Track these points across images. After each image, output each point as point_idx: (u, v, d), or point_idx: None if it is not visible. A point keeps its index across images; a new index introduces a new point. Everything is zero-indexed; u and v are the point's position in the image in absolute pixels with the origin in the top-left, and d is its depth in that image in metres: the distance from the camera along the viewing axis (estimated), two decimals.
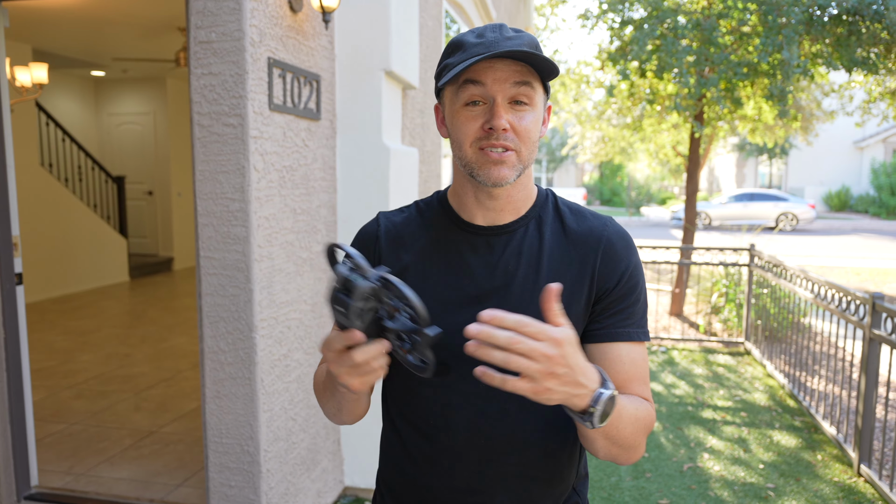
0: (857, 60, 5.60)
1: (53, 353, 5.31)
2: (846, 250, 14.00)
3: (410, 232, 1.09)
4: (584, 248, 1.04)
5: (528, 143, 0.99)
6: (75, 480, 3.13)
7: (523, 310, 0.96)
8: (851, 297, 3.62)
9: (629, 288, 1.04)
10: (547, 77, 1.00)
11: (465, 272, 1.04)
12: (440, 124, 1.08)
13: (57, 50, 7.26)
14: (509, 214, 1.06)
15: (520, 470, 1.04)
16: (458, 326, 0.98)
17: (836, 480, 3.36)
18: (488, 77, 0.96)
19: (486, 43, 0.96)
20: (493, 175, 0.98)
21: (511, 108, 0.98)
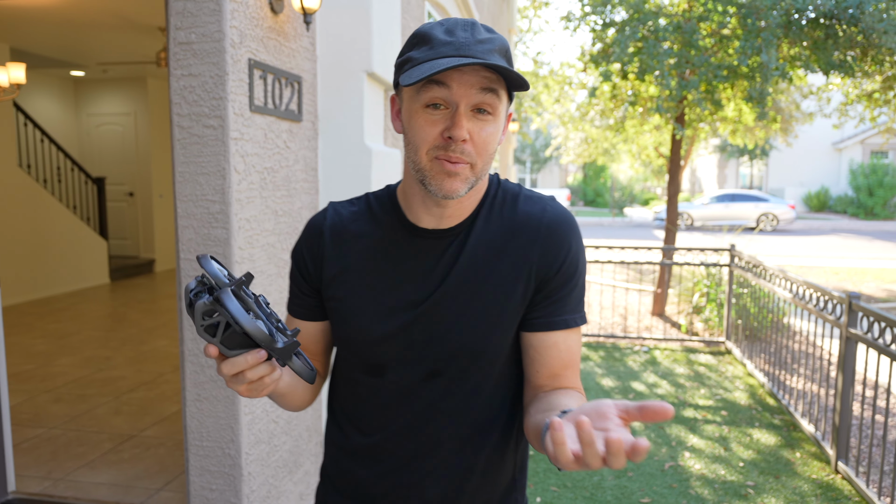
0: (835, 63, 5.69)
1: (32, 356, 5.23)
2: (825, 250, 14.20)
3: (357, 228, 1.06)
4: (523, 237, 1.02)
5: (484, 156, 0.95)
6: (54, 485, 3.09)
7: (454, 316, 1.00)
8: (829, 297, 3.67)
9: (569, 274, 1.03)
10: (514, 88, 0.96)
11: (405, 276, 1.02)
12: (395, 117, 1.03)
13: (35, 49, 7.16)
14: (455, 219, 1.03)
15: (454, 464, 1.06)
16: (393, 331, 1.01)
17: (815, 478, 3.41)
18: (454, 81, 0.91)
19: (455, 44, 0.91)
20: (445, 188, 0.94)
21: (473, 115, 0.93)
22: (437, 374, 1.02)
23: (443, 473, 1.06)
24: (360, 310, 1.03)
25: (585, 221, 22.93)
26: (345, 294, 1.04)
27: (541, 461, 3.56)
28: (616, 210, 26.63)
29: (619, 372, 5.24)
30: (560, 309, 1.03)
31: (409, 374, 1.02)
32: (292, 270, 1.11)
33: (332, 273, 1.05)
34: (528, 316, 1.03)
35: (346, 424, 1.11)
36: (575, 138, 11.11)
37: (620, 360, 5.62)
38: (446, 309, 1.00)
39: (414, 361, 1.02)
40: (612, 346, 6.10)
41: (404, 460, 1.06)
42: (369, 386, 1.05)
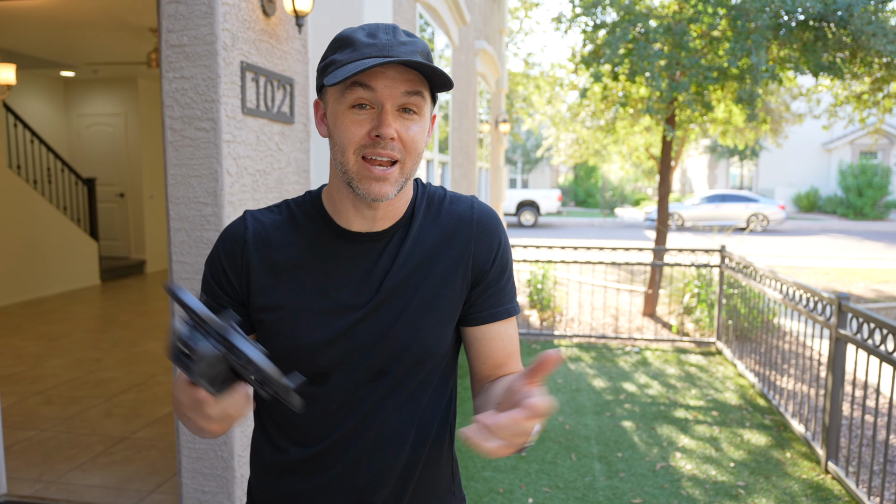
0: (824, 65, 5.75)
1: (22, 358, 5.20)
2: (815, 250, 14.31)
3: (282, 236, 1.03)
4: (456, 238, 1.05)
5: (412, 154, 0.96)
6: (45, 488, 3.08)
7: (398, 315, 1.01)
8: (818, 298, 3.71)
9: (502, 267, 1.07)
10: (438, 89, 0.98)
11: (341, 281, 1.01)
12: (319, 122, 1.02)
13: (25, 50, 7.12)
14: (387, 221, 1.03)
15: (399, 462, 1.06)
16: (336, 335, 1.00)
17: (805, 478, 3.44)
18: (379, 82, 0.92)
19: (378, 45, 0.92)
20: (374, 191, 0.95)
21: (399, 115, 0.94)
22: (384, 373, 1.02)
23: (388, 473, 1.05)
24: (297, 319, 1.00)
25: (576, 222, 23.00)
26: (278, 303, 1.01)
27: (533, 462, 3.58)
28: (607, 211, 26.72)
29: (610, 372, 5.26)
30: (500, 300, 1.07)
31: (354, 376, 1.02)
32: (207, 282, 1.05)
33: (260, 284, 1.01)
34: (470, 311, 1.07)
35: (282, 440, 1.06)
36: (566, 139, 11.15)
37: (612, 360, 5.64)
38: (389, 309, 1.01)
39: (359, 363, 1.01)
40: (604, 346, 6.13)
41: (350, 465, 1.04)
42: (311, 396, 1.01)
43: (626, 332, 6.51)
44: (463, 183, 6.86)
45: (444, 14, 5.05)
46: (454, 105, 6.03)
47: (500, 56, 10.02)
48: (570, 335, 6.39)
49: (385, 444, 1.04)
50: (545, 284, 7.05)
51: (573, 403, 4.52)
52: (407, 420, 1.05)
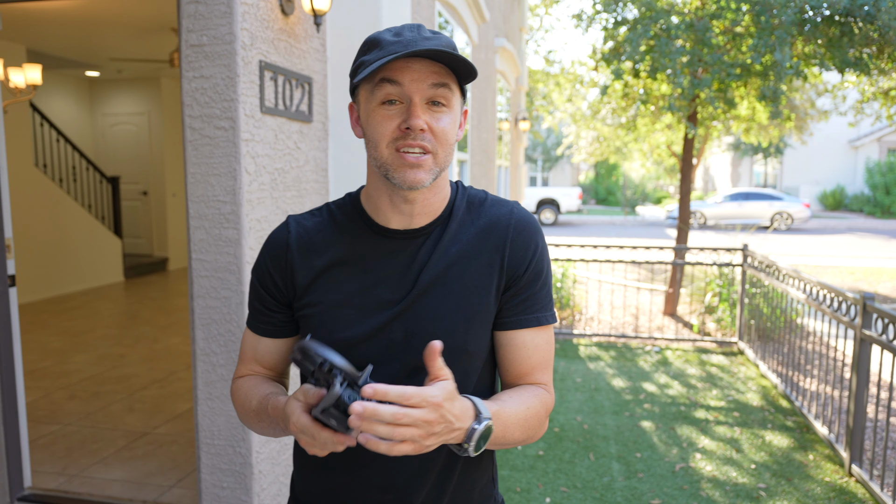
0: (850, 61, 5.63)
1: (48, 353, 5.30)
2: (841, 249, 14.05)
3: (323, 238, 1.07)
4: (492, 238, 1.05)
5: (444, 145, 0.99)
6: (69, 481, 3.13)
7: (433, 312, 1.02)
8: (843, 298, 3.64)
9: (536, 273, 1.07)
10: (464, 80, 1.00)
11: (379, 277, 1.04)
12: (354, 124, 1.06)
13: (51, 51, 7.25)
14: (425, 218, 1.05)
15: (437, 465, 1.06)
16: (373, 330, 1.02)
17: (828, 480, 3.38)
18: (405, 76, 0.95)
19: (403, 41, 0.95)
20: (409, 178, 0.97)
21: (428, 108, 0.97)
22: (419, 370, 1.02)
23: (426, 473, 1.06)
24: (336, 315, 1.04)
25: (597, 220, 22.84)
26: (319, 300, 1.05)
27: (550, 461, 3.56)
28: (628, 209, 26.51)
29: (630, 372, 5.22)
30: (531, 307, 1.07)
31: (390, 372, 1.03)
32: (254, 287, 1.11)
33: (304, 283, 1.06)
34: (500, 315, 1.07)
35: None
36: (587, 137, 11.07)
37: (632, 360, 5.59)
38: (424, 306, 1.02)
39: (394, 360, 1.03)
40: (624, 345, 6.08)
41: (387, 463, 1.05)
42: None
43: (646, 332, 6.46)
44: (482, 181, 6.85)
45: (464, 12, 5.04)
46: (473, 103, 6.02)
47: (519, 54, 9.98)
48: (590, 334, 6.35)
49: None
50: (565, 283, 7.01)
51: (592, 403, 4.49)
52: None
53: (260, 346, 1.13)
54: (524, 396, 1.03)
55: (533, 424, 1.03)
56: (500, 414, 0.95)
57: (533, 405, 1.03)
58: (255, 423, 1.08)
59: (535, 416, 1.03)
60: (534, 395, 1.05)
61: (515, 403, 1.00)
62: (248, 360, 1.15)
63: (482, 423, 0.89)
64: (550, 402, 1.08)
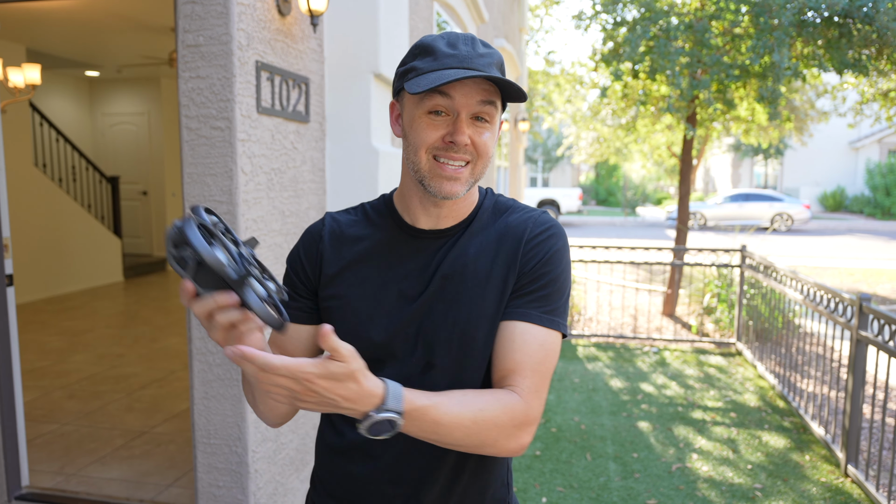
0: (849, 62, 5.63)
1: (46, 353, 5.31)
2: (841, 251, 14.05)
3: (354, 232, 1.12)
4: (510, 239, 1.07)
5: (483, 158, 1.03)
6: (66, 481, 3.14)
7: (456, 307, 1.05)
8: (839, 299, 3.64)
9: (543, 272, 1.04)
10: (511, 99, 1.04)
11: (401, 273, 1.07)
12: (394, 122, 1.09)
13: (51, 50, 7.26)
14: (451, 220, 1.09)
15: (448, 463, 1.07)
16: (390, 324, 1.05)
17: (824, 481, 3.38)
18: (457, 91, 0.98)
19: (459, 56, 0.98)
20: (445, 189, 1.01)
21: (472, 122, 1.00)
22: (433, 366, 1.05)
23: (436, 469, 1.08)
24: (357, 307, 1.07)
25: (597, 221, 22.85)
26: (344, 292, 1.09)
27: (547, 461, 3.57)
28: (628, 209, 26.50)
29: (628, 373, 5.22)
30: (527, 303, 1.03)
31: (406, 367, 1.05)
32: (287, 274, 1.16)
33: (330, 272, 1.10)
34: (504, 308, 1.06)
35: (341, 422, 1.12)
36: (587, 137, 11.08)
37: (630, 360, 5.60)
38: (439, 303, 1.05)
39: (410, 355, 1.06)
40: (622, 346, 6.08)
41: (401, 453, 1.07)
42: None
43: (644, 332, 6.46)
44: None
45: (462, 12, 5.05)
46: None
47: (519, 54, 9.99)
48: (589, 335, 6.36)
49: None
50: None
51: (589, 403, 4.49)
52: None
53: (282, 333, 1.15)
54: (481, 400, 0.95)
55: (483, 431, 0.93)
56: (430, 410, 0.88)
57: (485, 410, 0.94)
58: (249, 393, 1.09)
59: (488, 423, 0.93)
60: (496, 399, 0.96)
61: (460, 404, 0.92)
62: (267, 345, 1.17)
63: (381, 414, 0.85)
64: (519, 415, 0.96)
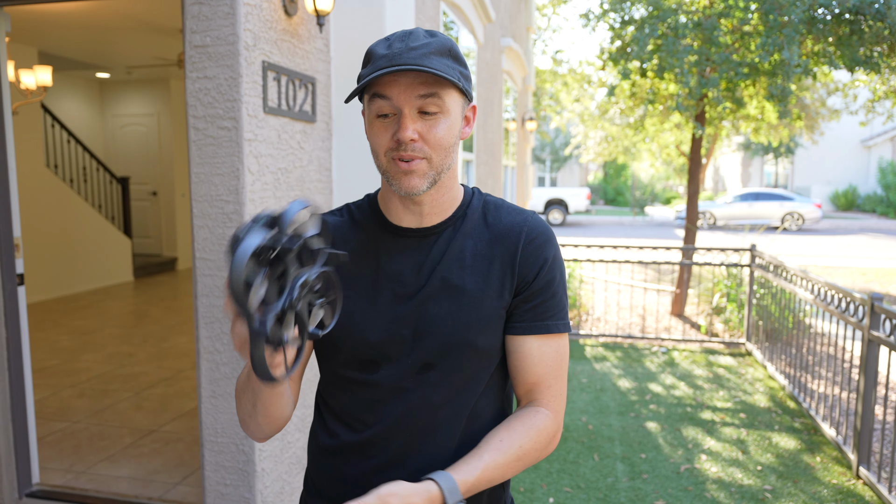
0: (860, 59, 5.58)
1: (57, 352, 5.35)
2: (853, 250, 13.93)
3: (341, 234, 1.12)
4: (505, 243, 1.08)
5: (439, 150, 1.01)
6: (76, 478, 3.17)
7: (445, 310, 1.04)
8: (850, 299, 3.61)
9: (547, 282, 1.08)
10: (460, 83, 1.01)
11: (391, 273, 1.07)
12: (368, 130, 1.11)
13: (62, 52, 7.31)
14: (435, 217, 1.09)
15: (447, 456, 1.07)
16: (383, 323, 1.05)
17: (835, 483, 3.35)
18: (392, 90, 0.98)
19: (390, 55, 0.98)
20: (405, 185, 1.01)
21: (420, 117, 1.00)
22: (430, 367, 1.05)
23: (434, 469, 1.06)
24: (352, 307, 1.06)
25: (605, 220, 22.77)
26: None
27: (555, 461, 3.56)
28: (637, 209, 26.40)
29: (636, 373, 5.20)
30: (540, 315, 1.08)
31: (401, 367, 1.05)
32: None
33: None
34: (510, 321, 1.09)
35: (335, 423, 1.12)
36: (595, 137, 11.04)
37: (638, 360, 5.57)
38: (435, 304, 1.05)
39: (406, 355, 1.05)
40: (630, 346, 6.06)
41: (396, 455, 1.07)
42: (362, 382, 1.07)
43: (653, 332, 6.43)
44: (488, 181, 6.84)
45: (469, 12, 5.04)
46: (479, 103, 6.02)
47: (526, 53, 9.96)
48: (597, 334, 6.33)
49: (431, 439, 1.06)
50: (571, 283, 6.99)
51: (597, 403, 4.48)
52: (454, 417, 1.07)
53: None
54: (515, 439, 1.04)
55: (529, 460, 1.05)
56: (481, 479, 0.99)
57: (524, 446, 1.04)
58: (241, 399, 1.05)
59: (530, 454, 1.05)
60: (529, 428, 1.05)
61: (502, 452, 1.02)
62: None
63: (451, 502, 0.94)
64: (552, 429, 1.08)
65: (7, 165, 2.82)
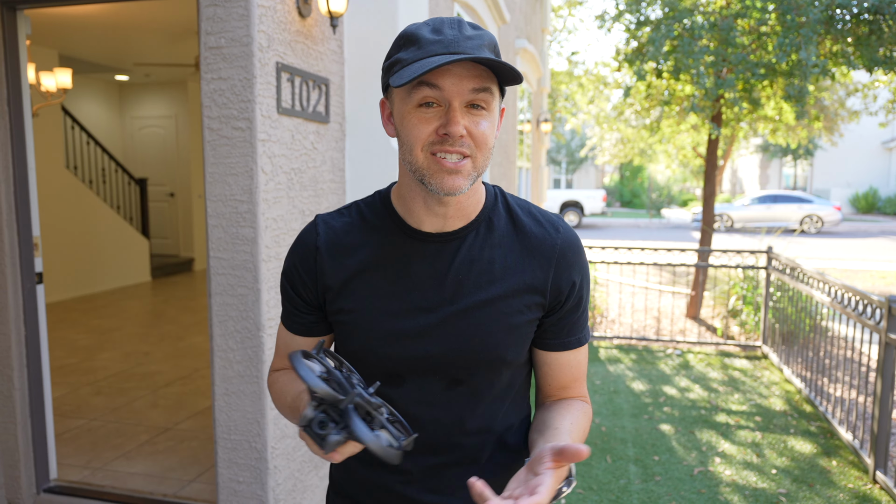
0: (879, 60, 5.51)
1: (75, 350, 5.43)
2: (873, 253, 13.74)
3: (352, 239, 1.04)
4: (538, 255, 1.02)
5: (483, 150, 0.94)
6: (93, 474, 3.21)
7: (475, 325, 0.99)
8: (867, 301, 3.57)
9: (579, 299, 1.07)
10: (507, 82, 0.95)
11: (414, 282, 1.00)
12: (386, 122, 1.01)
13: (82, 55, 7.43)
14: (459, 220, 1.01)
15: (476, 466, 1.06)
16: (406, 336, 0.99)
17: (851, 487, 3.31)
18: (445, 80, 0.90)
19: (444, 41, 0.90)
20: (447, 184, 0.93)
21: (467, 111, 0.92)
22: (459, 383, 1.01)
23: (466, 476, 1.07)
24: (369, 320, 1.01)
25: (621, 222, 22.65)
26: (352, 306, 1.02)
27: None
28: (653, 211, 26.22)
29: (650, 375, 5.17)
30: (572, 330, 1.08)
31: (428, 383, 1.01)
32: (285, 288, 1.09)
33: (334, 285, 1.03)
34: (542, 336, 1.07)
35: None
36: (610, 138, 10.99)
37: (653, 363, 5.54)
38: (465, 318, 0.99)
39: (432, 371, 1.01)
40: (645, 349, 6.02)
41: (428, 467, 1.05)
42: (386, 396, 1.01)
43: (668, 335, 6.39)
44: (502, 182, 6.84)
45: (483, 13, 5.05)
46: None
47: (541, 55, 9.95)
48: (611, 336, 6.30)
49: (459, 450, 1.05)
50: None
51: (611, 405, 4.46)
52: (483, 427, 1.05)
53: (293, 343, 1.12)
54: (577, 420, 1.05)
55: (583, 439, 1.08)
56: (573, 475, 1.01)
57: (583, 425, 1.06)
58: (291, 416, 1.05)
59: (585, 432, 1.08)
60: (582, 412, 1.08)
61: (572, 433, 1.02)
62: (282, 354, 1.16)
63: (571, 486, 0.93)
64: (591, 414, 1.12)
65: (27, 166, 2.87)
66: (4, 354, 2.84)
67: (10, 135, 2.78)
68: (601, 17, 6.74)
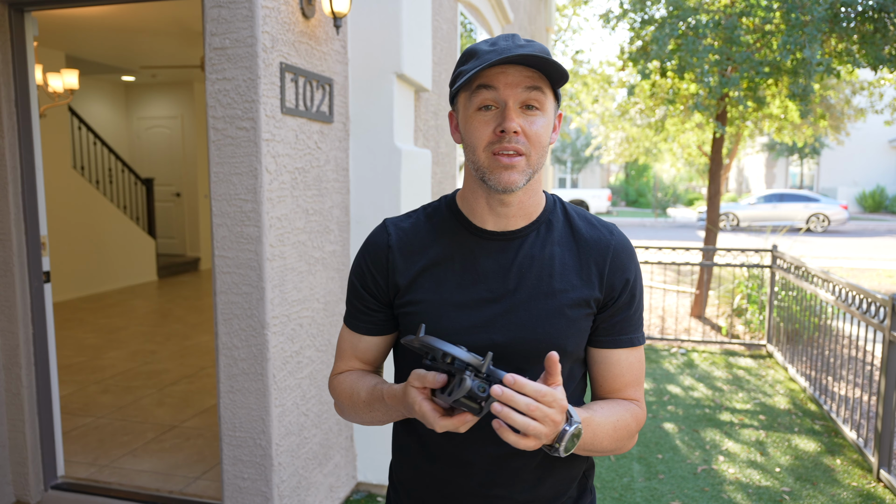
0: (884, 58, 5.49)
1: (83, 349, 5.47)
2: (879, 252, 13.67)
3: (421, 238, 1.12)
4: (593, 255, 1.10)
5: (538, 148, 1.02)
6: (99, 471, 3.24)
7: (538, 314, 1.05)
8: (871, 300, 3.56)
9: (631, 297, 1.11)
10: (557, 84, 1.04)
11: (479, 276, 1.08)
12: (454, 130, 1.11)
13: (89, 56, 7.47)
14: (521, 220, 1.10)
15: (535, 462, 1.09)
16: (472, 327, 1.05)
17: (855, 486, 3.31)
18: (500, 82, 1.00)
19: (498, 50, 1.00)
20: (504, 180, 1.01)
21: (522, 112, 1.01)
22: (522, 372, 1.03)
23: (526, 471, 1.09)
24: (436, 311, 1.07)
25: (627, 222, 22.61)
26: (421, 297, 1.09)
27: None
28: (659, 210, 26.16)
29: (654, 374, 5.17)
30: (624, 329, 1.11)
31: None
32: (355, 289, 1.16)
33: (404, 283, 1.10)
34: (595, 334, 1.11)
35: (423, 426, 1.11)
36: (615, 137, 10.98)
37: (657, 362, 5.54)
38: (526, 308, 1.06)
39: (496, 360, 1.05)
40: (649, 347, 6.02)
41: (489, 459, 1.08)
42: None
43: (672, 334, 6.38)
44: None
45: (487, 13, 5.06)
46: None
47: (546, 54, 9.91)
48: None
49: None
50: None
51: None
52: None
53: (360, 344, 1.18)
54: (616, 409, 1.08)
55: (622, 436, 1.07)
56: (590, 421, 1.01)
57: (623, 418, 1.08)
58: (365, 413, 1.12)
59: (624, 429, 1.08)
60: (625, 408, 1.09)
61: (606, 414, 1.05)
62: (347, 356, 1.19)
63: (573, 426, 0.93)
64: (642, 417, 1.13)
65: (34, 166, 2.90)
66: (12, 353, 2.87)
67: (18, 135, 2.81)
68: (605, 17, 6.73)
